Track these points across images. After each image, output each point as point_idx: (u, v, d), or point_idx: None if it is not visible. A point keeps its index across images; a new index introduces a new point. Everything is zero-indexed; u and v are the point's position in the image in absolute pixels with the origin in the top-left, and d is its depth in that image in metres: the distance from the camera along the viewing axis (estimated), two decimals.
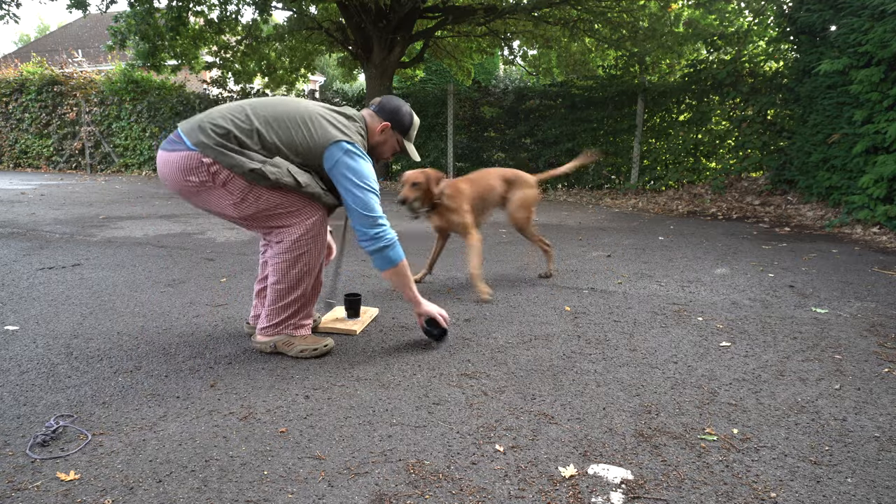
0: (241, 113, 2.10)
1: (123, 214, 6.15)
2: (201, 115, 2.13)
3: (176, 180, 2.08)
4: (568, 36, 10.69)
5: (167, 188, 2.13)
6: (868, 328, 2.64)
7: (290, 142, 2.10)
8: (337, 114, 2.24)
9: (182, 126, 2.10)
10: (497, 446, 1.64)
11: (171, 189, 2.13)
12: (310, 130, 2.12)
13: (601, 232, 5.28)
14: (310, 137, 2.11)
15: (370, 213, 2.13)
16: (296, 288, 2.22)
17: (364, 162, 2.17)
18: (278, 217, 2.15)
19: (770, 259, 4.10)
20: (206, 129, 2.04)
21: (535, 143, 9.21)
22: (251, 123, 2.07)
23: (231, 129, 2.05)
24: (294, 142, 2.10)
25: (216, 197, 2.09)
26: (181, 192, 2.13)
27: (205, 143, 2.02)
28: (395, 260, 2.22)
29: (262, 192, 2.09)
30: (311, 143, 2.11)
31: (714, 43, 8.09)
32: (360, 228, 2.15)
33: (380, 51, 9.44)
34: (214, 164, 2.01)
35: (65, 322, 2.66)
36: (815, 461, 1.57)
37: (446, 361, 2.24)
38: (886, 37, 4.72)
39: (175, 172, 2.06)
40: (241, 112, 2.11)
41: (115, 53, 11.05)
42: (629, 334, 2.56)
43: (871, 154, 5.10)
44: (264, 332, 2.29)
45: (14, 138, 12.82)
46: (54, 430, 1.67)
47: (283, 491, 1.43)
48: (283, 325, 2.27)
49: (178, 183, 2.09)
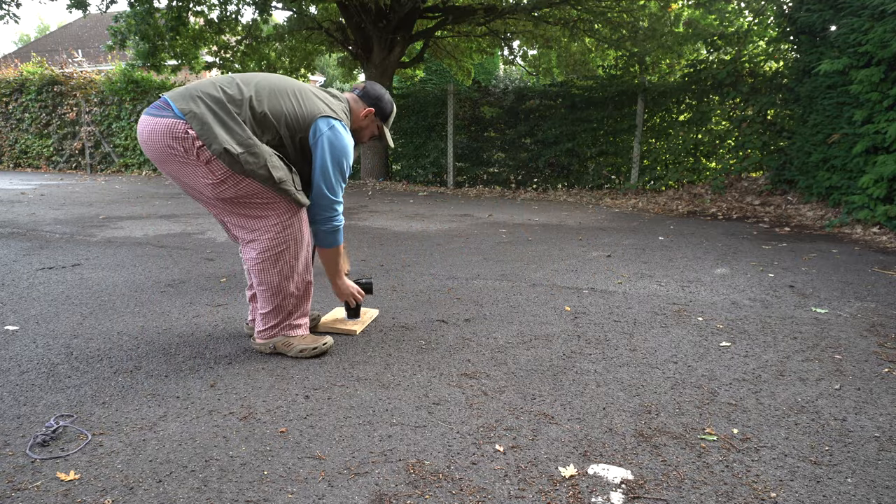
0: (232, 84, 2.08)
1: (123, 214, 6.15)
2: (191, 84, 2.09)
3: (157, 145, 2.01)
4: (568, 36, 10.69)
5: (147, 153, 2.07)
6: (868, 328, 2.64)
7: (279, 112, 2.08)
8: (324, 93, 2.26)
9: (170, 94, 2.05)
10: (497, 446, 1.64)
11: (150, 154, 2.07)
12: (299, 102, 2.12)
13: (601, 232, 5.28)
14: (298, 109, 2.11)
15: (334, 195, 2.18)
16: (282, 288, 2.20)
17: (347, 141, 2.18)
18: (254, 206, 2.10)
19: (770, 259, 4.10)
20: (195, 97, 2.00)
21: (535, 143, 9.21)
22: (241, 93, 2.05)
23: (221, 97, 2.02)
24: (283, 112, 2.08)
25: (196, 173, 2.03)
26: (160, 159, 2.05)
27: (193, 111, 1.97)
28: (338, 242, 2.28)
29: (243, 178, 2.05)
30: (300, 114, 2.10)
31: (714, 43, 8.09)
32: (319, 204, 2.19)
33: (380, 51, 9.45)
34: (199, 140, 1.96)
35: (65, 322, 2.66)
36: (815, 461, 1.57)
37: (446, 361, 2.24)
38: (886, 37, 4.72)
39: (158, 137, 2.00)
40: (232, 83, 2.08)
41: (115, 53, 11.06)
42: (629, 334, 2.56)
43: (871, 154, 5.10)
44: (261, 335, 2.29)
45: (14, 138, 12.82)
46: (54, 430, 1.67)
47: (283, 491, 1.43)
48: (277, 327, 2.26)
49: (158, 148, 2.01)
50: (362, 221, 5.84)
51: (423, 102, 9.90)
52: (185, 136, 1.97)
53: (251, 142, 2.01)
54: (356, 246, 4.53)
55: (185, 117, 1.97)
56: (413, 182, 9.91)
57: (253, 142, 2.02)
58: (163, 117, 2.00)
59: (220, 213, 2.18)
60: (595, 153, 8.92)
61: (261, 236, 2.14)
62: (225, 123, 2.00)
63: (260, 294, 2.23)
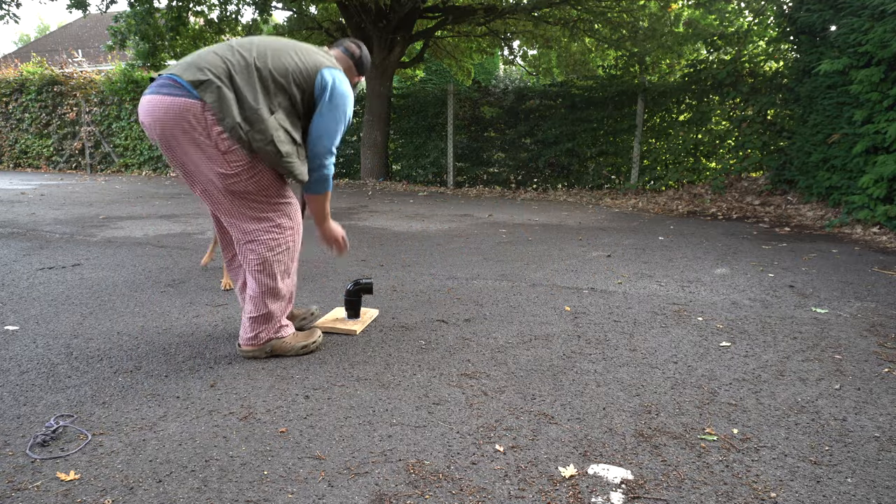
0: (233, 52, 2.04)
1: (123, 214, 6.15)
2: (192, 58, 2.03)
3: (171, 126, 1.94)
4: (568, 36, 10.70)
5: (154, 134, 1.99)
6: (868, 328, 2.64)
7: (284, 69, 2.06)
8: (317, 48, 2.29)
9: (176, 69, 1.98)
10: (497, 446, 1.64)
11: (159, 135, 1.98)
12: (300, 56, 2.12)
13: (601, 232, 5.28)
14: (301, 62, 2.11)
15: (332, 145, 2.17)
16: (277, 291, 2.18)
17: (349, 90, 2.22)
18: (257, 205, 2.09)
19: (770, 259, 4.10)
20: (203, 69, 1.95)
21: (535, 143, 9.21)
22: (245, 59, 2.02)
23: (229, 68, 1.98)
24: (287, 69, 2.07)
25: (210, 160, 1.98)
26: (171, 142, 1.97)
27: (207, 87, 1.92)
28: (328, 188, 2.27)
29: (258, 172, 2.04)
30: (302, 68, 2.10)
31: (714, 43, 8.09)
32: (316, 153, 2.17)
33: (380, 51, 9.45)
34: (218, 125, 1.94)
35: (65, 322, 2.66)
36: (815, 461, 1.57)
37: (446, 361, 2.24)
38: (886, 37, 4.72)
39: (172, 118, 1.93)
40: (233, 51, 2.04)
41: (115, 53, 11.07)
42: (629, 334, 2.56)
43: (871, 154, 5.10)
44: (249, 342, 2.23)
45: (14, 138, 12.83)
46: (54, 430, 1.67)
47: (283, 491, 1.43)
48: (268, 332, 2.22)
49: (171, 129, 1.95)
50: (362, 221, 5.84)
51: (423, 102, 9.90)
52: (204, 118, 1.93)
53: (257, 115, 1.98)
54: (356, 246, 4.53)
55: (202, 96, 1.92)
56: (413, 182, 9.91)
57: (259, 116, 1.98)
58: (178, 96, 1.94)
59: (219, 209, 2.12)
60: (595, 153, 8.92)
61: (259, 237, 2.12)
62: (239, 97, 1.97)
63: (254, 298, 2.18)
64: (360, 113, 10.14)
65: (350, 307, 2.64)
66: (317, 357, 2.27)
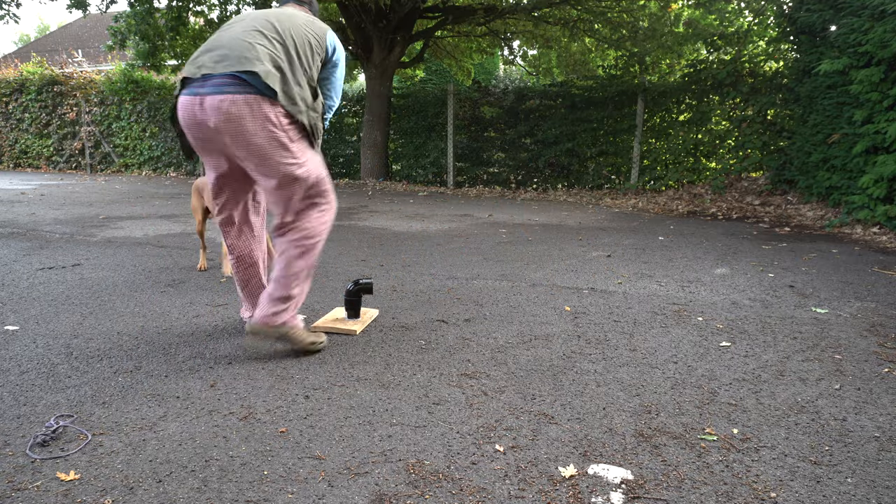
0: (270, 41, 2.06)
1: (123, 214, 6.15)
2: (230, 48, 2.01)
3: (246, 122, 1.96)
4: (568, 36, 10.69)
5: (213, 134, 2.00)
6: (868, 328, 2.64)
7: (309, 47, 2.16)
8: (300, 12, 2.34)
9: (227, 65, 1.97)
10: (497, 446, 1.64)
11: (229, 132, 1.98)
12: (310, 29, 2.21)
13: (601, 232, 5.28)
14: (315, 35, 2.20)
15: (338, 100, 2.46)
16: (306, 277, 2.24)
17: None
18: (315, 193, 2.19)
19: (770, 259, 4.10)
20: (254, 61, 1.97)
21: (535, 143, 9.22)
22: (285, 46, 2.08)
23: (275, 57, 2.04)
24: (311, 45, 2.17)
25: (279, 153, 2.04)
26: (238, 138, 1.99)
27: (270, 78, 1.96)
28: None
29: (313, 155, 2.19)
30: (319, 38, 2.22)
31: (714, 43, 8.09)
32: (335, 100, 2.42)
33: (380, 51, 9.45)
34: (286, 117, 2.04)
35: (65, 322, 2.66)
36: (815, 461, 1.57)
37: (446, 361, 2.24)
38: (886, 37, 4.72)
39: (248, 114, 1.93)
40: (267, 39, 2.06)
41: (115, 53, 11.07)
42: (629, 334, 2.56)
43: (871, 154, 5.10)
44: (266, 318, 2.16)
45: (14, 138, 12.83)
46: (54, 430, 1.67)
47: (283, 491, 1.43)
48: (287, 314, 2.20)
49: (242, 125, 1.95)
50: (362, 221, 5.84)
51: (423, 102, 9.90)
52: (274, 111, 2.01)
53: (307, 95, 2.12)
54: (356, 246, 4.53)
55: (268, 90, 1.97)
56: (413, 182, 9.91)
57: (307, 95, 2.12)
58: (250, 93, 1.96)
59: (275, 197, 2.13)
60: (595, 153, 8.92)
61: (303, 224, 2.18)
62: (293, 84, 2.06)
63: (282, 280, 2.16)
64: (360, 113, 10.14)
65: (350, 307, 2.64)
66: (317, 357, 2.27)
